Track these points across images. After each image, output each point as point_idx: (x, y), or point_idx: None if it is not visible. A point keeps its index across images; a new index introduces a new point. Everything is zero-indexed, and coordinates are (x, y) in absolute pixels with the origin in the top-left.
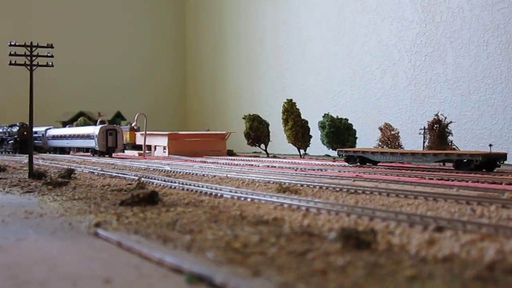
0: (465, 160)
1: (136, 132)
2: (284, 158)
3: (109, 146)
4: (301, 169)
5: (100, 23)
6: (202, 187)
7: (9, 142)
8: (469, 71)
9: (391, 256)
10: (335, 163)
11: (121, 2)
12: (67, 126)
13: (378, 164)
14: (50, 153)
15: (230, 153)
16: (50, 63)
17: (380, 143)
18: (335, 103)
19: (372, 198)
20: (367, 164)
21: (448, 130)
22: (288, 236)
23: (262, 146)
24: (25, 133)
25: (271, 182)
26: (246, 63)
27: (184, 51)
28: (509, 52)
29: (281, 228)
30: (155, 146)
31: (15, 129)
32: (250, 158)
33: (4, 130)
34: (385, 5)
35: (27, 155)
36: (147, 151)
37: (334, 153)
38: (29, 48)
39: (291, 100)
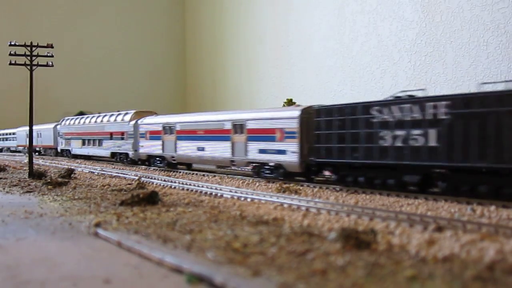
0: None
1: None
2: None
3: None
4: None
5: (100, 24)
6: (202, 187)
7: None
8: (469, 71)
9: (391, 256)
10: None
11: (121, 3)
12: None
13: None
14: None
15: None
16: (50, 63)
17: None
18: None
19: (372, 198)
20: None
21: None
22: (288, 236)
23: None
24: None
25: (271, 182)
26: (246, 63)
27: (184, 51)
28: (509, 52)
29: (281, 228)
30: None
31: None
32: None
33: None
34: (385, 5)
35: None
36: None
37: None
38: (29, 48)
39: (291, 100)
